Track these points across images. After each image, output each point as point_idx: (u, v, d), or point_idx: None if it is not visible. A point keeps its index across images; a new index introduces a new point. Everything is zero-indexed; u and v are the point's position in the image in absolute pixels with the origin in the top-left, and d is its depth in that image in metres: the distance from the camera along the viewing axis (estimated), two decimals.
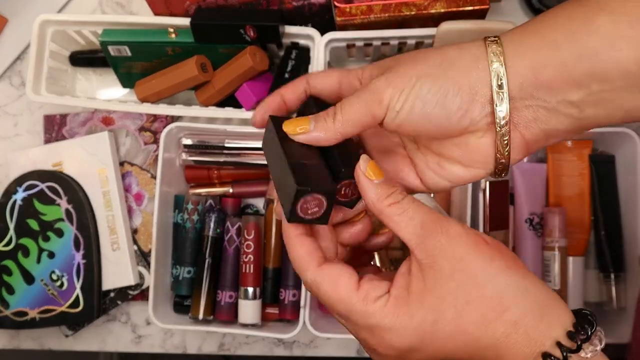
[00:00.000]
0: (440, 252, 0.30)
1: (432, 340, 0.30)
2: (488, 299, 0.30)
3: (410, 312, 0.30)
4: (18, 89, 0.76)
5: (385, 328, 0.31)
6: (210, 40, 0.63)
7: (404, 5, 0.59)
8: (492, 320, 0.30)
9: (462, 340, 0.30)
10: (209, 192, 0.70)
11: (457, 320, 0.30)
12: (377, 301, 0.31)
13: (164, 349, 0.72)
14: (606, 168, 0.66)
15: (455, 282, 0.30)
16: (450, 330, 0.30)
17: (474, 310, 0.30)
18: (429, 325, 0.30)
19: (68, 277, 0.68)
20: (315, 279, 0.32)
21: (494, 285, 0.30)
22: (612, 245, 0.65)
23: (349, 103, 0.33)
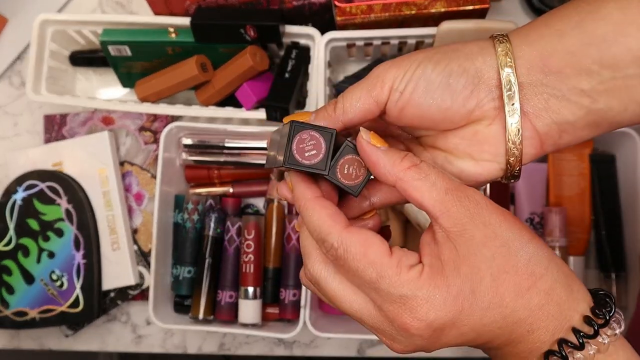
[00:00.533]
0: (470, 219, 0.29)
1: (470, 313, 0.29)
2: (523, 266, 0.29)
3: (447, 282, 0.28)
4: (18, 88, 0.76)
5: (422, 299, 0.28)
6: (210, 40, 0.63)
7: (404, 5, 0.59)
8: (527, 288, 0.29)
9: (498, 313, 0.29)
10: (209, 192, 0.70)
11: (495, 289, 0.28)
12: (412, 270, 0.29)
13: (164, 349, 0.72)
14: (607, 168, 0.66)
15: (490, 250, 0.29)
16: (488, 300, 0.29)
17: (510, 278, 0.29)
18: (467, 294, 0.28)
19: (68, 277, 0.68)
20: (343, 241, 0.29)
21: (526, 253, 0.29)
22: (612, 245, 0.65)
23: (350, 90, 0.32)
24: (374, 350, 0.69)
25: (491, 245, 0.29)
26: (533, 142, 0.32)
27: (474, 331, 0.29)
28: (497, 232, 0.29)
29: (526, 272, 0.29)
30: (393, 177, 0.30)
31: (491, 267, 0.29)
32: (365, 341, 0.69)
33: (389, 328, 0.30)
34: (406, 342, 0.30)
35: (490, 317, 0.29)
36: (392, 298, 0.29)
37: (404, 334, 0.29)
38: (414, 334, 0.29)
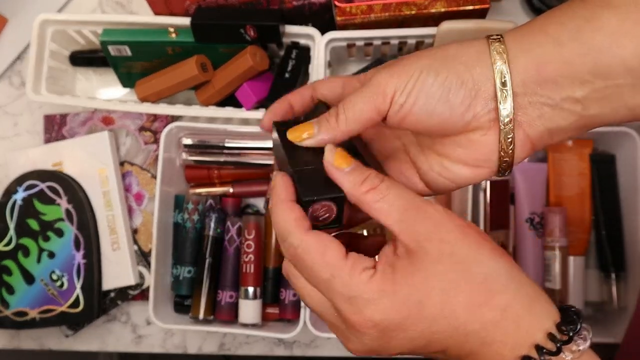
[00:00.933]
0: (426, 237, 0.30)
1: (417, 320, 0.30)
2: (477, 283, 0.30)
3: (395, 289, 0.30)
4: (18, 88, 0.76)
5: (368, 301, 0.30)
6: (210, 39, 0.63)
7: (404, 5, 0.59)
8: (480, 304, 0.29)
9: (449, 323, 0.30)
10: (209, 192, 0.70)
11: (444, 303, 0.29)
12: (363, 273, 0.30)
13: (164, 349, 0.72)
14: (607, 168, 0.66)
15: (443, 265, 0.30)
16: (435, 312, 0.29)
17: (462, 293, 0.29)
18: (413, 304, 0.29)
19: (68, 277, 0.68)
20: (301, 243, 0.31)
21: (483, 269, 0.30)
22: (612, 245, 0.65)
23: (351, 100, 0.33)
24: None
25: (445, 261, 0.30)
26: (524, 148, 0.33)
27: (423, 338, 0.30)
28: (454, 249, 0.30)
29: (481, 289, 0.29)
30: (355, 199, 0.32)
31: (442, 282, 0.29)
32: None
33: (343, 327, 0.32)
34: (357, 341, 0.31)
35: (440, 327, 0.30)
36: (344, 298, 0.30)
37: (354, 332, 0.31)
38: (363, 332, 0.30)
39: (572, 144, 0.67)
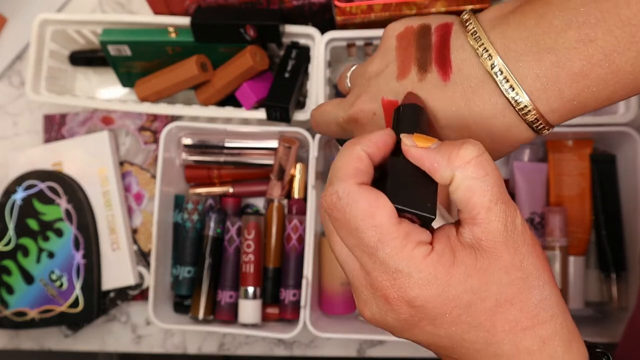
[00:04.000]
0: (505, 242, 0.27)
1: (456, 321, 0.27)
2: (532, 305, 0.27)
3: (449, 280, 0.27)
4: (18, 88, 0.76)
5: (414, 281, 0.26)
6: (210, 39, 0.63)
7: (404, 5, 0.59)
8: (524, 328, 0.27)
9: (484, 337, 0.27)
10: (209, 192, 0.70)
11: (492, 314, 0.27)
12: (418, 247, 0.27)
13: (164, 349, 0.72)
14: (607, 167, 0.66)
15: (509, 277, 0.27)
16: (478, 321, 0.27)
17: (513, 310, 0.27)
18: (461, 304, 0.27)
19: (68, 277, 0.68)
20: (350, 193, 0.28)
21: (540, 293, 0.28)
22: (613, 245, 0.65)
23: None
24: (374, 351, 0.69)
25: (512, 273, 0.27)
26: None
27: (450, 339, 0.28)
28: (524, 264, 0.28)
29: (531, 312, 0.27)
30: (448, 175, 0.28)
31: (500, 293, 0.27)
32: (365, 341, 0.69)
33: (368, 293, 0.29)
34: (378, 311, 0.28)
35: (473, 336, 0.27)
36: (386, 269, 0.27)
37: (381, 303, 0.28)
38: (392, 307, 0.27)
39: (572, 144, 0.67)
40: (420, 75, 0.33)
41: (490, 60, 0.30)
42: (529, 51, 0.30)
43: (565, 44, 0.29)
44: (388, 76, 0.34)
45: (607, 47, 0.28)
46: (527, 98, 0.30)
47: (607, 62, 0.28)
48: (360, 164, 0.29)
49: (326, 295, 0.67)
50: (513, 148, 0.33)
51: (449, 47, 0.32)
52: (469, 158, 0.27)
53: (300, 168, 0.67)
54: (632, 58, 0.28)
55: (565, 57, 0.29)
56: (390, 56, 0.35)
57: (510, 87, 0.30)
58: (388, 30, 0.36)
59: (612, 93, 0.29)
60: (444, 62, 0.32)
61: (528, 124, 0.31)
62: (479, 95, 0.31)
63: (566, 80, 0.29)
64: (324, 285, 0.67)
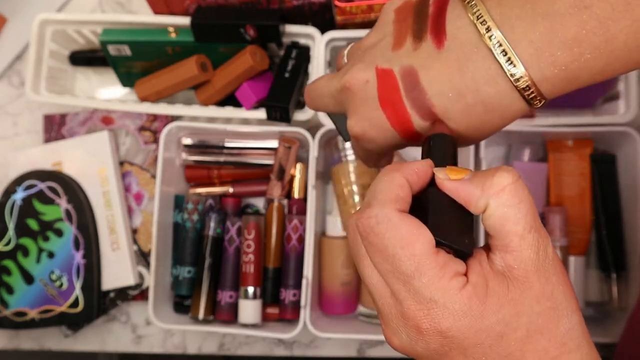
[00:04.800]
0: (536, 270, 0.27)
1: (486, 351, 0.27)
2: (560, 334, 0.27)
3: (482, 312, 0.27)
4: (18, 88, 0.76)
5: (450, 312, 0.26)
6: (210, 39, 0.63)
7: None
8: (552, 358, 0.27)
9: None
10: (209, 192, 0.70)
11: (522, 344, 0.27)
12: (455, 279, 0.27)
13: (164, 349, 0.72)
14: (607, 167, 0.66)
15: (540, 306, 0.27)
16: (509, 351, 0.27)
17: (543, 340, 0.27)
18: (493, 335, 0.27)
19: (68, 277, 0.68)
20: (391, 219, 0.27)
21: (569, 322, 0.28)
22: (613, 245, 0.65)
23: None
24: (374, 351, 0.69)
25: (543, 303, 0.27)
26: None
27: None
28: (553, 293, 0.28)
29: (559, 341, 0.27)
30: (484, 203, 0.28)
31: (531, 323, 0.27)
32: (365, 341, 0.69)
33: (398, 322, 0.28)
34: (407, 340, 0.28)
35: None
36: (421, 298, 0.27)
37: (413, 335, 0.28)
38: (423, 337, 0.27)
39: (572, 144, 0.67)
40: (415, 45, 0.33)
41: (484, 25, 0.30)
42: (524, 17, 0.29)
43: (560, 10, 0.28)
44: (383, 47, 0.34)
45: (601, 14, 0.28)
46: (520, 63, 0.29)
47: (602, 29, 0.28)
48: (401, 192, 0.29)
49: (326, 295, 0.67)
50: (507, 120, 0.32)
51: (445, 16, 0.32)
52: (503, 185, 0.27)
53: (300, 168, 0.67)
54: (627, 27, 0.28)
55: (560, 22, 0.28)
56: (387, 29, 0.35)
57: (502, 51, 0.30)
58: (386, 5, 0.36)
59: (606, 64, 0.29)
60: (439, 30, 0.32)
61: (520, 91, 0.30)
62: (472, 61, 0.31)
63: (559, 46, 0.29)
64: (324, 285, 0.67)
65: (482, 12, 0.30)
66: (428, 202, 0.29)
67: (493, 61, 0.30)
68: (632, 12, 0.27)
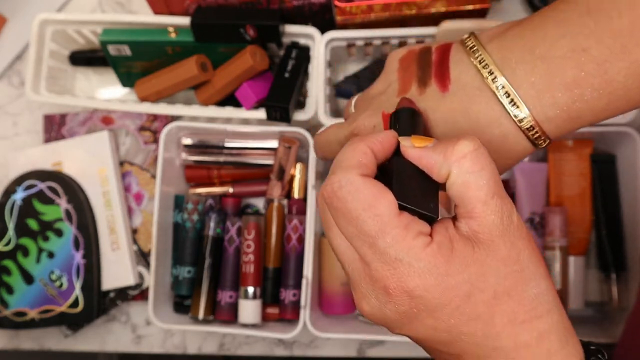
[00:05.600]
0: (501, 234, 0.27)
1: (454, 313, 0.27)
2: (528, 298, 0.28)
3: (448, 270, 0.27)
4: (17, 88, 0.76)
5: (415, 270, 0.27)
6: (210, 39, 0.63)
7: (404, 5, 0.59)
8: (523, 321, 0.27)
9: (483, 329, 0.27)
10: (209, 192, 0.70)
11: (491, 306, 0.27)
12: (418, 237, 0.27)
13: (164, 349, 0.72)
14: (607, 168, 0.66)
15: (507, 269, 0.27)
16: (477, 313, 0.27)
17: (511, 303, 0.27)
18: (460, 294, 0.27)
19: (68, 277, 0.68)
20: (353, 182, 0.28)
21: (538, 286, 0.28)
22: (613, 245, 0.65)
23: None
24: (374, 351, 0.69)
25: (510, 265, 0.28)
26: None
27: (449, 333, 0.28)
28: (520, 257, 0.28)
29: (528, 305, 0.28)
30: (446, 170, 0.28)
31: (498, 284, 0.27)
32: (365, 341, 0.69)
33: (367, 285, 0.29)
34: (377, 304, 0.28)
35: (472, 329, 0.27)
36: (386, 258, 0.27)
37: (380, 295, 0.28)
38: (392, 299, 0.28)
39: (572, 144, 0.67)
40: (420, 90, 0.34)
41: (486, 69, 0.31)
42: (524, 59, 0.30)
43: (558, 53, 0.29)
44: (389, 94, 0.35)
45: (599, 57, 0.29)
46: (523, 104, 0.30)
47: (600, 71, 0.29)
48: (364, 159, 0.29)
49: (326, 295, 0.67)
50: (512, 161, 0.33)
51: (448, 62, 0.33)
52: (465, 152, 0.28)
53: (300, 168, 0.67)
54: (624, 68, 0.28)
55: (559, 65, 0.29)
56: (392, 77, 0.36)
57: (505, 93, 0.30)
58: (391, 55, 0.37)
59: (607, 104, 0.30)
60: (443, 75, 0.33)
61: (524, 132, 0.31)
62: (476, 103, 0.31)
63: (559, 88, 0.29)
64: (324, 285, 0.67)
65: (484, 56, 0.31)
66: (393, 170, 0.30)
67: (496, 103, 0.31)
68: (630, 55, 0.28)
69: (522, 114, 0.30)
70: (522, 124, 0.30)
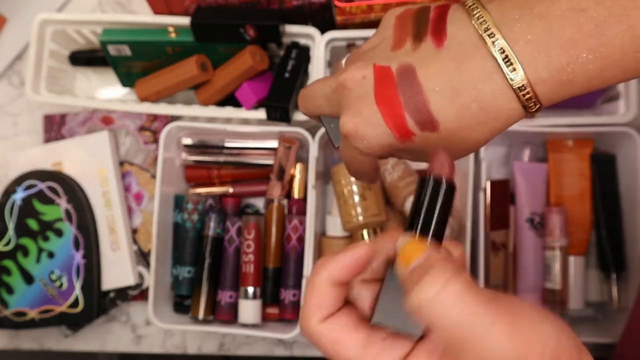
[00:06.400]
0: None
1: None
2: None
3: None
4: (18, 88, 0.76)
5: None
6: (210, 39, 0.63)
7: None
8: None
9: None
10: (209, 192, 0.70)
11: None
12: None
13: (164, 349, 0.72)
14: (607, 167, 0.66)
15: None
16: None
17: None
18: None
19: (68, 277, 0.68)
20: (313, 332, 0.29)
21: None
22: (613, 245, 0.65)
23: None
24: None
25: None
26: None
27: None
28: None
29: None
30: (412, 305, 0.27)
31: None
32: None
33: None
34: None
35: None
36: None
37: None
38: None
39: (572, 144, 0.67)
40: (415, 45, 0.33)
41: (484, 25, 0.31)
42: (522, 18, 0.30)
43: (556, 12, 0.29)
44: (383, 48, 0.34)
45: (597, 17, 0.28)
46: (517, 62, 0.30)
47: (597, 32, 0.28)
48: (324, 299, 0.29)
49: None
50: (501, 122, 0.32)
51: (446, 19, 0.33)
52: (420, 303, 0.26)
53: (300, 168, 0.67)
54: (623, 31, 0.28)
55: (556, 23, 0.29)
56: (387, 33, 0.35)
57: (500, 49, 0.30)
58: (388, 13, 0.37)
59: (602, 69, 0.29)
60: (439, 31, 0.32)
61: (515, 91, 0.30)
62: (470, 58, 0.31)
63: (556, 47, 0.29)
64: None
65: (483, 13, 0.31)
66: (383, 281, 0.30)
67: (490, 59, 0.30)
68: (628, 17, 0.28)
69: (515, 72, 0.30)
70: (513, 82, 0.30)
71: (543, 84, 0.30)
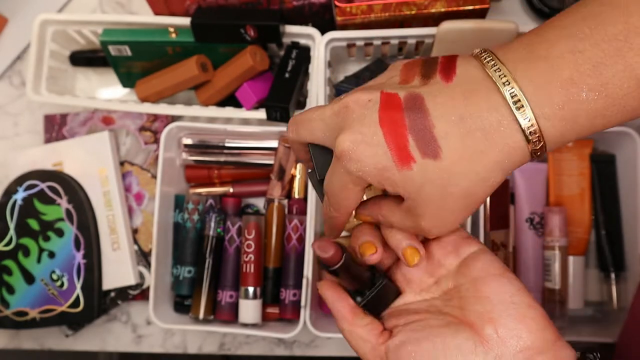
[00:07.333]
0: None
1: None
2: None
3: None
4: (18, 88, 0.76)
5: None
6: (210, 39, 0.63)
7: (404, 5, 0.59)
8: None
9: None
10: (209, 192, 0.70)
11: None
12: None
13: (165, 349, 0.72)
14: (607, 167, 0.66)
15: None
16: None
17: None
18: None
19: (68, 276, 0.68)
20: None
21: None
22: (612, 245, 0.65)
23: None
24: None
25: None
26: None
27: None
28: None
29: None
30: None
31: None
32: None
33: None
34: None
35: None
36: None
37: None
38: None
39: (572, 144, 0.67)
40: (423, 81, 0.34)
41: (492, 62, 0.32)
42: (525, 59, 0.32)
43: (556, 54, 0.31)
44: (390, 83, 0.35)
45: (594, 59, 0.30)
46: (523, 96, 0.31)
47: (595, 72, 0.30)
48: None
49: None
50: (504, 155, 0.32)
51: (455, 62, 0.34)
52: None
53: (300, 168, 0.67)
54: (620, 72, 0.29)
55: (556, 64, 0.31)
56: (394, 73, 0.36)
57: (506, 81, 0.31)
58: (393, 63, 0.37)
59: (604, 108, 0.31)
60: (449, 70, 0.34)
61: (519, 123, 0.31)
62: (477, 92, 0.32)
63: (556, 85, 0.31)
64: None
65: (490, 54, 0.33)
66: None
67: (497, 91, 0.32)
68: (624, 58, 0.29)
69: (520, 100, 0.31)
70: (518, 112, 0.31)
71: (546, 120, 0.31)
